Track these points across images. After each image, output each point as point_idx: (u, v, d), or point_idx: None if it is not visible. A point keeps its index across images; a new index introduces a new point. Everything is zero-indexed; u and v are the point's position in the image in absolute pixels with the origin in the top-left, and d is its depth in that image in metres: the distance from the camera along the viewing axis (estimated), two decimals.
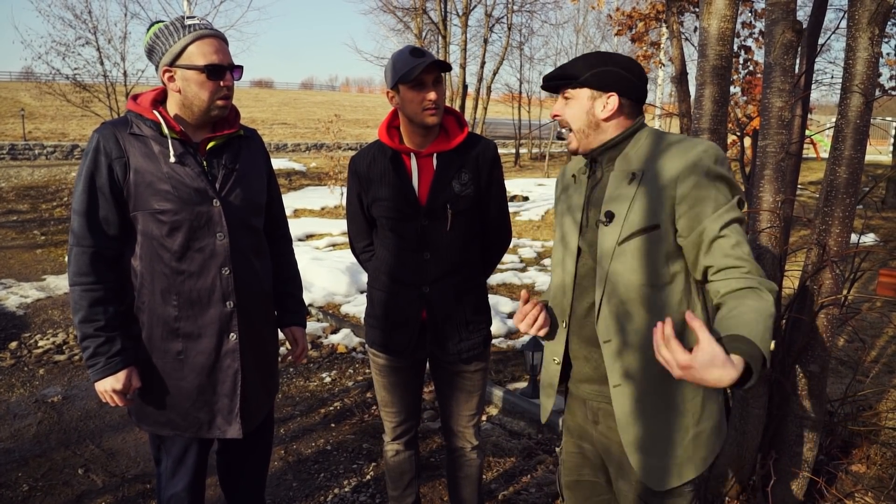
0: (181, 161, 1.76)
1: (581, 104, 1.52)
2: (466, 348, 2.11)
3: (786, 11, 2.21)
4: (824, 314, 2.30)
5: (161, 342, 1.83)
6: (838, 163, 2.21)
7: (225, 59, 1.77)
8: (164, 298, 1.80)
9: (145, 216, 1.75)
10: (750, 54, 8.84)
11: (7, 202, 11.76)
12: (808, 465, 2.39)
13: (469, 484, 2.30)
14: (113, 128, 1.76)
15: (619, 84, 1.50)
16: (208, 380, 1.85)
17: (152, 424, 1.89)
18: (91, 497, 2.84)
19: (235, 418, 1.89)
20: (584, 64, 1.51)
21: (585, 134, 1.54)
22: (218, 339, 1.84)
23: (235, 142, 1.90)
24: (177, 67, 1.73)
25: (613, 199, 1.49)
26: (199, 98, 1.76)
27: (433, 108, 1.93)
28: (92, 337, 1.76)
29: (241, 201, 1.86)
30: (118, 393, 1.80)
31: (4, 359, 4.46)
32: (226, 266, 1.82)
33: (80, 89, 12.81)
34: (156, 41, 1.74)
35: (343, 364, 4.51)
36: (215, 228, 1.80)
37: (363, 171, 2.09)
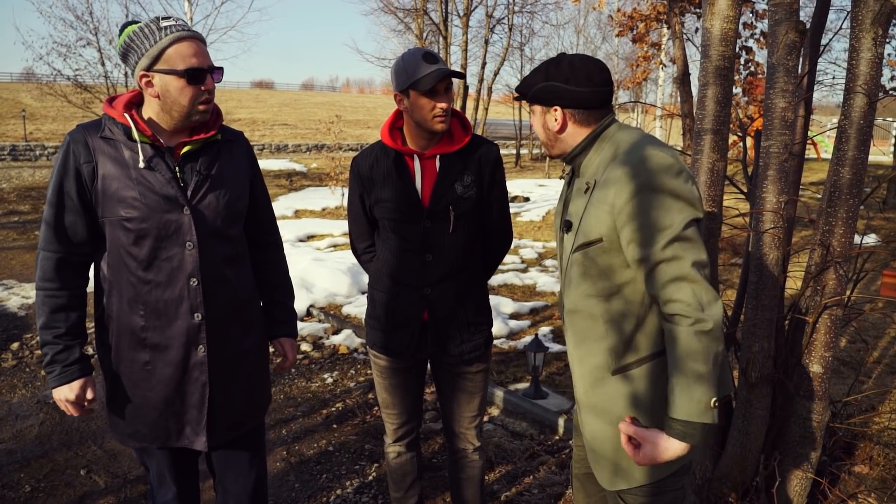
0: (151, 166, 1.68)
1: (538, 119, 1.59)
2: (468, 350, 2.11)
3: (789, 12, 2.20)
4: (827, 315, 2.30)
5: (128, 351, 1.76)
6: (842, 163, 2.21)
7: (205, 62, 1.69)
8: (131, 308, 1.73)
9: (112, 223, 1.69)
10: (751, 55, 8.85)
11: (8, 203, 11.76)
12: (812, 465, 2.39)
13: (471, 485, 2.30)
14: (84, 131, 1.70)
15: (559, 98, 1.51)
16: (176, 391, 1.78)
17: (121, 435, 1.85)
18: (94, 498, 2.84)
19: (202, 430, 1.81)
20: (530, 81, 1.55)
21: (550, 145, 1.60)
22: (185, 350, 1.76)
23: (214, 146, 1.80)
24: (154, 72, 1.65)
25: (572, 208, 1.54)
26: (179, 104, 1.68)
27: (443, 115, 1.93)
28: (51, 344, 1.72)
29: (215, 209, 1.77)
30: (72, 403, 1.76)
31: (6, 360, 4.46)
32: (194, 277, 1.73)
33: (82, 90, 12.82)
34: (130, 45, 1.66)
35: (345, 365, 4.51)
36: (184, 238, 1.72)
37: (365, 172, 2.08)
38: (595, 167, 1.51)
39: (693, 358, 1.32)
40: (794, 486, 2.39)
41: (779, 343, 2.43)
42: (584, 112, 1.51)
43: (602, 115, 1.53)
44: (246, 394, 1.92)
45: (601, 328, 1.49)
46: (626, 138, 1.49)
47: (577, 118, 1.52)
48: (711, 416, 1.32)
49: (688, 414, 1.32)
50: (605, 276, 1.46)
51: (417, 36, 14.78)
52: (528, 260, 8.16)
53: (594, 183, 1.47)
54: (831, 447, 2.79)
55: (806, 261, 2.43)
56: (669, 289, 1.35)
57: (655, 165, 1.38)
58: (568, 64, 1.50)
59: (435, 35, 15.16)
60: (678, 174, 1.38)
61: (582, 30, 25.07)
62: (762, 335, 2.35)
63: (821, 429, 2.38)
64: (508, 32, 17.85)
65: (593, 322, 1.50)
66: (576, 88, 1.49)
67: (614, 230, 1.42)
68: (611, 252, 1.44)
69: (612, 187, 1.41)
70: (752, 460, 2.42)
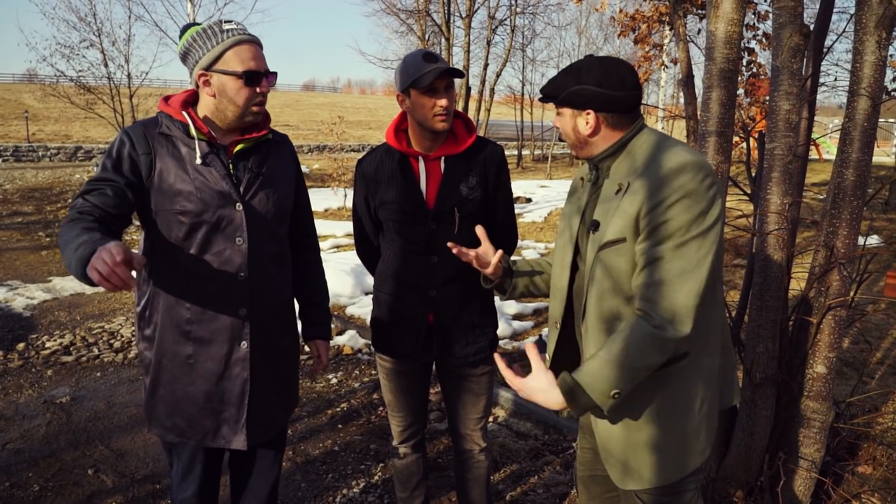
0: (207, 163, 1.74)
1: (567, 122, 1.56)
2: (473, 352, 2.12)
3: (793, 15, 2.22)
4: (832, 315, 2.31)
5: (172, 344, 1.79)
6: (846, 165, 2.23)
7: (261, 66, 1.75)
8: (179, 300, 1.77)
9: (166, 215, 1.72)
10: (753, 56, 8.87)
11: (12, 204, 11.80)
12: (816, 465, 2.40)
13: (477, 485, 2.31)
14: (143, 126, 1.75)
15: (593, 101, 1.49)
16: (216, 387, 1.81)
17: (160, 428, 1.87)
18: (102, 497, 2.86)
19: (241, 429, 1.84)
20: (561, 83, 1.52)
21: (578, 148, 1.58)
22: (229, 346, 1.79)
23: (264, 146, 1.86)
24: (213, 72, 1.71)
25: (602, 209, 1.52)
26: (235, 103, 1.73)
27: (444, 114, 1.94)
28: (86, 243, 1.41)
29: (265, 206, 1.82)
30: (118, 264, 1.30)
31: (13, 360, 4.48)
32: (242, 272, 1.78)
33: (85, 91, 12.86)
34: (192, 45, 1.72)
35: (349, 365, 4.53)
36: (236, 233, 1.76)
37: (370, 174, 2.09)
38: (627, 170, 1.50)
39: (633, 346, 1.36)
40: (798, 485, 2.41)
41: (783, 344, 2.44)
42: (616, 116, 1.50)
43: (633, 118, 1.53)
44: (280, 394, 1.95)
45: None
46: (659, 143, 1.49)
47: (609, 122, 1.51)
48: (605, 405, 1.38)
49: (589, 384, 1.37)
50: (627, 277, 1.45)
51: (420, 37, 14.80)
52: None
53: (627, 185, 1.46)
54: (835, 447, 2.80)
55: (809, 262, 2.45)
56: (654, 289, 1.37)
57: (690, 172, 1.38)
58: (600, 66, 1.49)
59: (437, 36, 15.19)
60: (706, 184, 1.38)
61: (584, 31, 25.11)
62: (766, 336, 2.37)
63: (824, 429, 2.40)
64: (510, 34, 17.87)
65: (617, 322, 1.48)
66: (609, 92, 1.47)
67: (635, 232, 1.42)
68: (629, 254, 1.44)
69: (642, 190, 1.41)
70: (756, 460, 2.44)
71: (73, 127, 23.43)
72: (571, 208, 1.68)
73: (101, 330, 5.16)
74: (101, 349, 4.74)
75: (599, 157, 1.56)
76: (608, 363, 1.37)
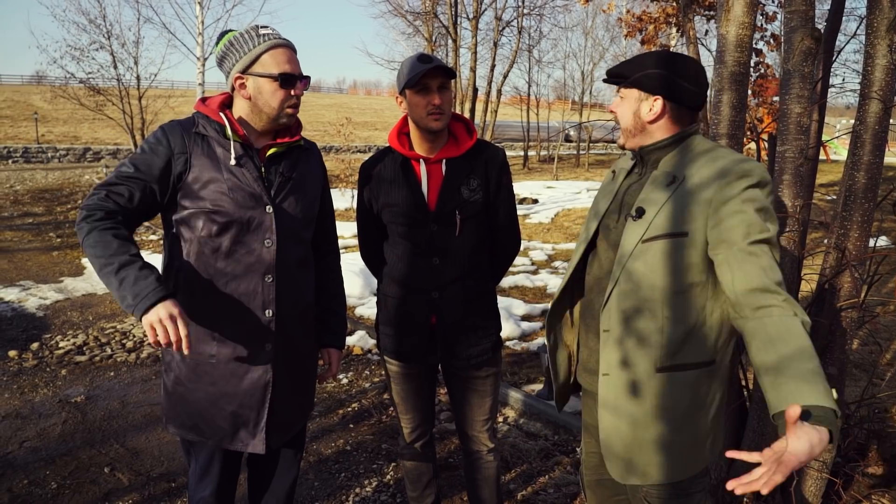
0: (240, 164, 1.76)
1: (629, 104, 1.54)
2: (476, 353, 2.13)
3: (805, 19, 2.24)
4: (842, 317, 2.33)
5: (196, 343, 1.79)
6: (857, 168, 2.24)
7: (296, 69, 1.78)
8: (205, 299, 1.78)
9: (198, 214, 1.74)
10: (761, 57, 8.86)
11: (22, 205, 11.90)
12: (826, 466, 2.42)
13: (487, 485, 2.33)
14: (180, 126, 1.77)
15: (666, 88, 1.48)
16: (237, 388, 1.81)
17: (179, 427, 1.87)
18: (118, 495, 2.90)
19: (260, 432, 1.84)
20: (639, 64, 1.51)
21: (632, 133, 1.56)
22: (253, 347, 1.81)
23: (295, 151, 1.89)
24: (249, 75, 1.75)
25: (647, 198, 1.49)
26: (270, 105, 1.76)
27: (437, 112, 1.95)
28: (129, 265, 1.55)
29: (294, 210, 1.85)
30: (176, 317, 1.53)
31: (27, 359, 4.53)
32: (270, 274, 1.79)
33: (94, 93, 12.96)
34: (229, 49, 1.76)
35: (359, 366, 4.56)
36: (265, 234, 1.79)
37: (373, 176, 2.11)
38: (680, 163, 1.49)
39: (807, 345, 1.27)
40: (808, 486, 2.42)
41: None
42: (681, 109, 1.50)
43: (693, 118, 1.53)
44: (299, 397, 1.97)
45: (657, 323, 1.46)
46: (716, 146, 1.49)
47: (673, 113, 1.50)
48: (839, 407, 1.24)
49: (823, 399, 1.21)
50: (677, 272, 1.44)
51: (427, 38, 14.84)
52: (537, 262, 8.19)
53: (683, 177, 1.45)
54: (845, 448, 2.81)
55: (818, 263, 2.46)
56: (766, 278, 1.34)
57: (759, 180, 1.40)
58: (682, 59, 1.50)
59: (444, 38, 15.22)
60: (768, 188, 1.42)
61: (590, 32, 25.09)
62: None
63: None
64: (517, 35, 17.89)
65: (650, 316, 1.46)
66: (685, 84, 1.48)
67: (703, 228, 1.41)
68: (692, 249, 1.42)
69: (712, 186, 1.40)
70: None
71: (81, 128, 23.57)
72: (602, 193, 1.68)
73: (113, 330, 5.21)
74: (113, 349, 4.78)
75: (651, 147, 1.54)
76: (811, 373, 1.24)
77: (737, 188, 1.39)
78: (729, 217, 1.39)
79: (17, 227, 9.91)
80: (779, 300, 1.33)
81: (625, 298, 1.49)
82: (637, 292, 1.47)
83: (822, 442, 1.17)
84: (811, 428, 1.17)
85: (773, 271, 1.36)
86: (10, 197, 12.53)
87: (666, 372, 1.47)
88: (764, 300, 1.34)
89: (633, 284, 1.48)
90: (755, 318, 1.34)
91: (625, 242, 1.50)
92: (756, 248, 1.36)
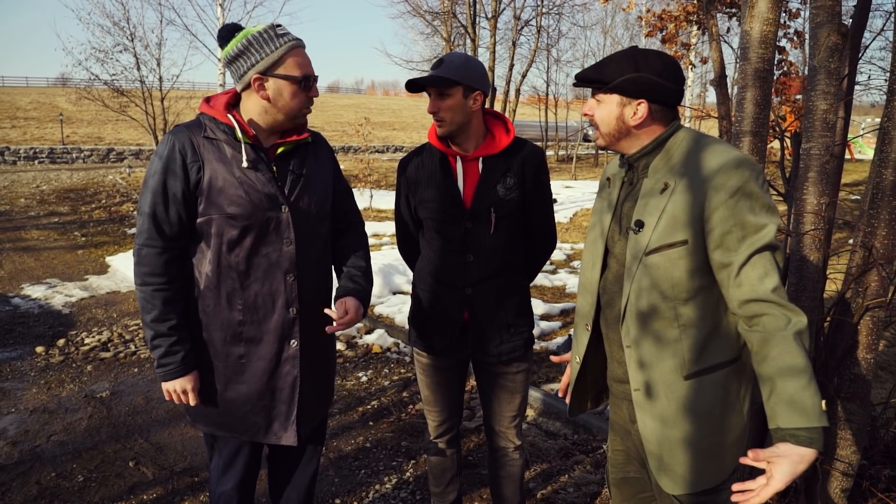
0: (253, 166, 1.76)
1: (611, 109, 1.49)
2: (507, 350, 2.14)
3: (831, 14, 2.21)
4: (869, 316, 2.29)
5: (223, 346, 1.83)
6: (884, 165, 2.21)
7: (313, 71, 1.80)
8: (230, 302, 1.80)
9: (217, 220, 1.75)
10: (784, 54, 8.73)
11: (48, 204, 12.12)
12: (852, 468, 2.38)
13: (511, 483, 2.34)
14: (188, 131, 1.76)
15: (650, 91, 1.45)
16: (267, 385, 1.85)
17: (209, 425, 1.91)
18: (143, 489, 2.95)
19: (291, 425, 1.88)
20: (616, 68, 1.46)
21: (615, 137, 1.52)
22: (279, 344, 1.84)
23: (302, 147, 1.90)
24: (271, 76, 1.73)
25: (645, 208, 1.47)
26: (290, 107, 1.77)
27: (437, 119, 2.00)
28: (165, 336, 1.77)
29: (309, 208, 1.86)
30: (188, 393, 1.83)
31: (54, 355, 4.62)
32: (291, 273, 1.82)
33: (118, 94, 13.15)
34: (247, 48, 1.72)
35: (378, 364, 4.59)
36: (283, 234, 1.80)
37: (411, 173, 2.14)
38: (670, 167, 1.46)
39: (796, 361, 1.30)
40: (834, 487, 2.39)
41: (819, 345, 2.43)
42: (664, 109, 1.47)
43: (674, 115, 1.50)
44: (321, 388, 2.01)
45: (675, 332, 1.45)
46: (701, 141, 1.46)
47: (656, 115, 1.47)
48: (826, 419, 1.29)
49: (807, 421, 1.28)
50: (685, 279, 1.42)
51: (445, 39, 14.84)
52: (556, 261, 8.16)
53: (674, 183, 1.43)
54: (872, 450, 2.77)
55: (842, 263, 2.43)
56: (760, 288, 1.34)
57: (749, 171, 1.37)
58: (658, 57, 1.45)
59: (463, 38, 15.23)
60: (763, 181, 1.39)
61: (609, 30, 24.94)
62: None
63: (862, 431, 2.38)
64: (536, 34, 17.83)
65: (668, 325, 1.46)
66: (666, 84, 1.44)
67: (701, 232, 1.39)
68: (694, 255, 1.41)
69: (703, 188, 1.38)
70: None
71: (105, 129, 23.96)
72: (602, 205, 1.66)
73: (136, 327, 5.29)
74: (137, 346, 4.86)
75: (638, 154, 1.52)
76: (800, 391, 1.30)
77: (725, 192, 1.36)
78: (721, 223, 1.37)
79: (44, 227, 10.10)
80: (771, 308, 1.34)
81: (639, 312, 1.49)
82: (649, 305, 1.47)
83: (803, 461, 1.28)
84: (793, 450, 1.28)
85: (768, 278, 1.35)
86: (37, 197, 12.78)
87: (694, 378, 1.46)
88: (757, 309, 1.36)
89: (645, 298, 1.47)
90: (750, 330, 1.38)
91: (629, 256, 1.50)
92: (752, 257, 1.35)
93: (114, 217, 11.09)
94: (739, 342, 1.50)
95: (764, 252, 1.36)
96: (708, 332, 1.46)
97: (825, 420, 1.29)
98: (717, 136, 1.52)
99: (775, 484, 1.27)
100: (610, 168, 1.70)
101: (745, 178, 1.36)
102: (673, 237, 1.42)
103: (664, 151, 1.49)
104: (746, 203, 1.36)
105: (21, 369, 4.37)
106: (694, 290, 1.44)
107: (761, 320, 1.35)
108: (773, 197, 2.91)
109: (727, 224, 1.36)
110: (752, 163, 1.40)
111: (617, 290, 1.58)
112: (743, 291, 1.37)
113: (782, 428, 1.30)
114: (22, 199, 12.44)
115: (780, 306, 1.34)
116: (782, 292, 1.36)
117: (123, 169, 16.95)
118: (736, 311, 1.41)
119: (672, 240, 1.42)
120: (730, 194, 1.36)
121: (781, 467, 1.27)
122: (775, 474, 1.28)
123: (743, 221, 1.36)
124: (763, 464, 1.31)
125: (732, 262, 1.37)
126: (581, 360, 1.71)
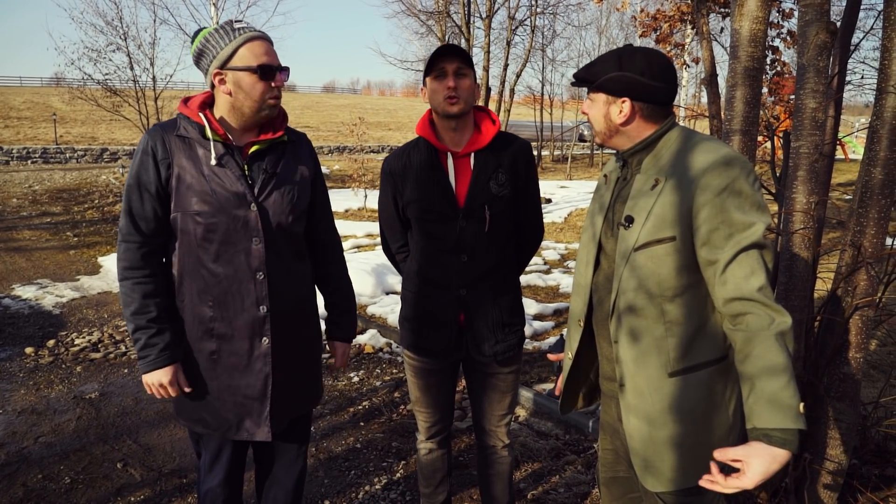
0: (222, 164, 1.77)
1: (599, 107, 1.52)
2: (502, 350, 2.11)
3: (820, 12, 2.20)
4: (859, 316, 2.29)
5: (197, 341, 1.85)
6: (873, 164, 2.20)
7: (274, 61, 1.78)
8: (201, 298, 1.82)
9: (185, 217, 1.77)
10: (777, 54, 8.75)
11: (41, 204, 12.06)
12: (842, 467, 2.38)
13: (500, 481, 2.33)
14: (161, 130, 1.79)
15: (631, 90, 1.46)
16: (239, 382, 1.86)
17: (188, 420, 1.93)
18: (130, 490, 2.93)
19: (265, 421, 1.88)
20: (601, 67, 1.49)
21: (607, 135, 1.55)
22: (250, 342, 1.84)
23: (279, 146, 1.89)
24: (228, 70, 1.74)
25: (635, 204, 1.48)
26: (251, 98, 1.76)
27: (453, 96, 1.93)
28: (144, 329, 1.79)
29: (280, 206, 1.85)
30: (164, 387, 1.84)
31: (43, 356, 4.59)
32: (260, 271, 1.81)
33: (111, 94, 13.08)
34: (206, 45, 1.75)
35: (370, 364, 4.57)
36: (251, 233, 1.80)
37: (398, 171, 2.09)
38: (662, 164, 1.46)
39: (777, 361, 1.30)
40: (824, 487, 2.38)
41: (808, 344, 2.42)
42: (651, 107, 1.48)
43: (667, 113, 1.50)
44: (303, 385, 2.00)
45: (661, 329, 1.46)
46: (693, 139, 1.46)
47: (643, 113, 1.48)
48: (803, 422, 1.29)
49: (783, 422, 1.28)
50: (672, 276, 1.42)
51: (440, 38, 14.83)
52: (550, 261, 8.16)
53: (665, 180, 1.43)
54: (862, 450, 2.77)
55: (833, 262, 2.42)
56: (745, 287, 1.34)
57: (739, 169, 1.37)
58: (643, 56, 1.46)
59: (457, 37, 15.20)
60: (753, 179, 1.39)
61: (604, 31, 24.96)
62: None
63: (852, 431, 2.37)
64: (531, 34, 17.82)
65: (654, 322, 1.46)
66: (650, 82, 1.45)
67: (689, 229, 1.39)
68: (682, 252, 1.41)
69: (691, 185, 1.38)
70: None
71: (99, 129, 23.85)
72: (595, 205, 1.66)
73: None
74: (127, 347, 4.83)
75: (631, 151, 1.53)
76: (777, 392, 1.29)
77: (713, 189, 1.36)
78: (708, 220, 1.36)
79: (36, 227, 10.05)
80: (755, 308, 1.34)
81: (626, 308, 1.49)
82: (637, 301, 1.47)
83: (776, 461, 1.27)
84: (766, 450, 1.28)
85: (754, 277, 1.35)
86: (29, 197, 12.70)
87: (679, 376, 1.46)
88: (741, 308, 1.35)
89: (633, 293, 1.47)
90: (734, 329, 1.38)
91: (620, 251, 1.50)
92: (739, 255, 1.35)
93: (106, 217, 11.04)
94: (726, 342, 1.49)
95: (751, 250, 1.36)
96: (694, 330, 1.45)
97: (802, 422, 1.28)
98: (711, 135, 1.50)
99: (745, 482, 1.28)
100: (608, 165, 1.71)
101: (733, 175, 1.36)
102: (661, 233, 1.42)
103: (658, 149, 1.50)
104: (734, 201, 1.36)
105: (9, 370, 4.33)
106: (680, 287, 1.44)
107: (745, 319, 1.35)
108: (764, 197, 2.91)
109: (714, 221, 1.36)
110: (743, 161, 1.39)
111: (607, 288, 1.58)
112: (728, 290, 1.36)
113: (758, 427, 1.30)
114: (14, 200, 12.36)
115: (764, 306, 1.34)
116: (768, 292, 1.35)
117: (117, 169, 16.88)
118: (721, 310, 1.40)
119: (660, 235, 1.42)
120: (718, 191, 1.36)
121: (753, 466, 1.28)
122: (747, 473, 1.28)
123: (730, 219, 1.35)
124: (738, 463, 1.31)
125: (718, 260, 1.37)
126: (573, 357, 1.71)
